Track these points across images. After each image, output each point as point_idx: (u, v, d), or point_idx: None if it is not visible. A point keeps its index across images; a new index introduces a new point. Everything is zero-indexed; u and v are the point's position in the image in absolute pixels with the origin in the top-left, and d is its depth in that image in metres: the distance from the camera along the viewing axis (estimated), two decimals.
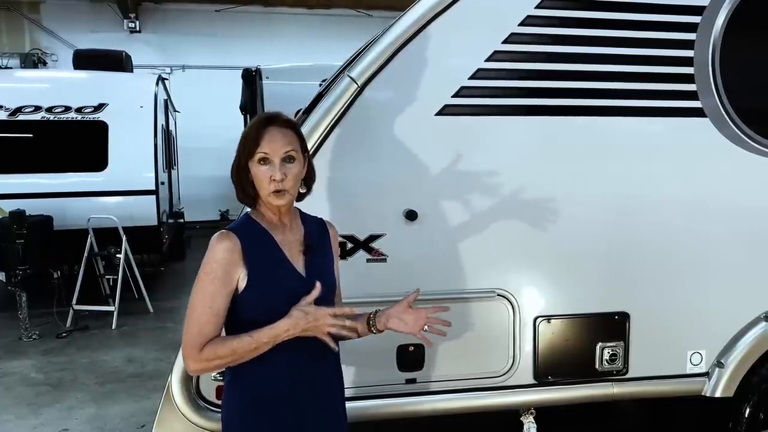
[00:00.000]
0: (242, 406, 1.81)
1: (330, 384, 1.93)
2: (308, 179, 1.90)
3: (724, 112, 2.74)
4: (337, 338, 1.82)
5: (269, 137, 1.76)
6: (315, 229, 1.94)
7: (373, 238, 2.54)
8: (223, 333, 1.79)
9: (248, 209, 1.90)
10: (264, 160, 1.76)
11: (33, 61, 12.27)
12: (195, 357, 1.71)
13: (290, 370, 1.80)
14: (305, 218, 1.95)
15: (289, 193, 1.78)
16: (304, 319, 1.72)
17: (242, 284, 1.75)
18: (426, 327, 1.92)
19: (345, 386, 2.01)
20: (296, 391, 1.81)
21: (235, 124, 9.62)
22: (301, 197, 1.90)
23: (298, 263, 1.84)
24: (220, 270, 1.72)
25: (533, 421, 2.78)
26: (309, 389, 1.84)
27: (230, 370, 1.82)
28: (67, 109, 7.44)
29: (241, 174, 1.80)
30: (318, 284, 1.77)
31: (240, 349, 1.71)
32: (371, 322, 1.92)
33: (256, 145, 1.76)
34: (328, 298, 1.86)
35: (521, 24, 2.58)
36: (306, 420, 1.83)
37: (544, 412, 2.82)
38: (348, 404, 2.31)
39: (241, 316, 1.76)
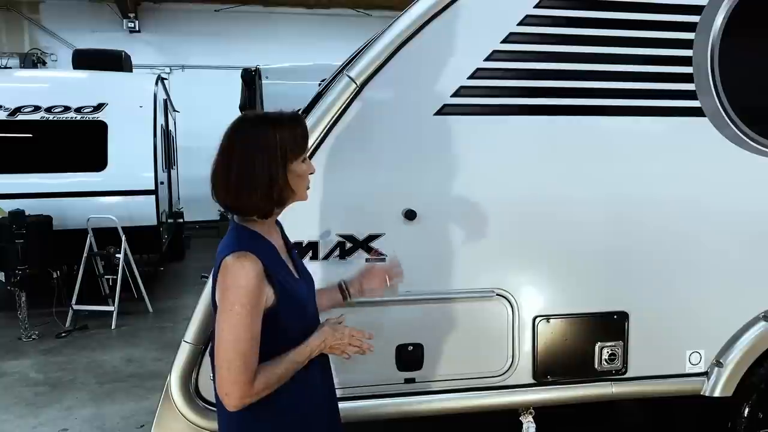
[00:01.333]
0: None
1: (333, 388, 1.96)
2: None
3: (722, 112, 2.73)
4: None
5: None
6: (282, 229, 1.92)
7: (372, 237, 2.54)
8: None
9: (236, 220, 1.77)
10: (305, 158, 1.75)
11: (32, 60, 12.25)
12: (246, 391, 1.59)
13: (314, 382, 1.80)
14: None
15: None
16: (332, 336, 1.76)
17: (270, 303, 1.66)
18: (388, 282, 2.13)
19: (344, 386, 2.04)
20: (322, 400, 1.84)
21: None
22: None
23: (291, 266, 1.82)
24: (255, 298, 1.60)
25: (532, 420, 2.78)
26: (326, 397, 1.88)
27: (237, 421, 1.72)
28: (67, 108, 7.43)
29: (282, 177, 1.68)
30: (343, 317, 1.86)
31: (285, 374, 1.66)
32: (345, 291, 2.09)
33: (307, 142, 1.75)
34: (314, 290, 1.92)
35: (520, 23, 2.58)
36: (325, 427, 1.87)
37: (543, 412, 2.82)
38: (347, 404, 2.32)
39: (265, 334, 1.65)
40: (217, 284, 1.66)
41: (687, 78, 2.71)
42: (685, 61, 2.71)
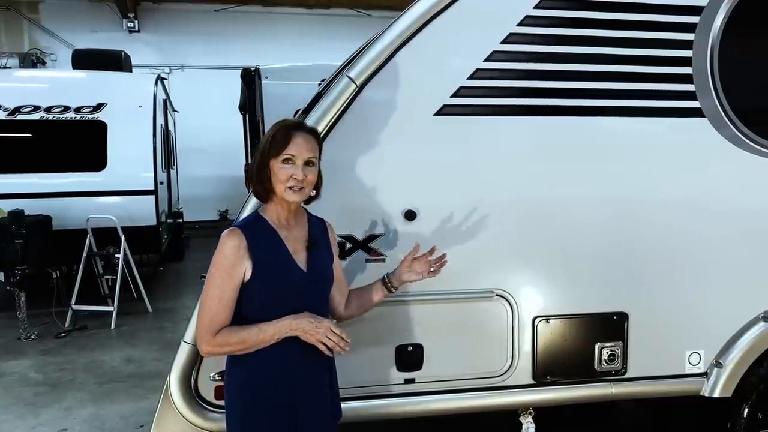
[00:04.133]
0: (241, 387, 1.99)
1: (319, 373, 2.05)
2: (318, 185, 2.06)
3: (722, 113, 2.74)
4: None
5: (296, 141, 1.96)
6: (318, 228, 2.14)
7: (372, 238, 2.54)
8: None
9: (258, 208, 2.10)
10: (288, 161, 1.95)
11: (32, 60, 12.26)
12: (209, 341, 1.91)
13: (281, 356, 1.94)
14: (310, 218, 2.15)
15: (304, 192, 1.99)
16: (308, 322, 1.92)
17: (247, 276, 1.92)
18: (432, 268, 2.25)
19: (344, 387, 2.06)
20: (286, 375, 1.97)
21: (234, 124, 9.61)
22: (310, 200, 2.10)
23: (301, 258, 2.02)
24: (228, 265, 1.91)
25: (532, 421, 2.78)
26: (299, 376, 2.00)
27: (230, 358, 2.02)
28: (66, 108, 7.44)
29: (261, 170, 1.98)
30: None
31: (248, 339, 1.90)
32: (388, 284, 2.24)
33: (285, 147, 1.95)
34: (324, 289, 2.11)
35: (520, 24, 2.58)
36: (298, 408, 1.99)
37: (543, 412, 2.82)
38: (347, 404, 2.32)
39: (245, 305, 1.94)
40: None
41: (687, 78, 2.71)
42: (685, 61, 2.71)
